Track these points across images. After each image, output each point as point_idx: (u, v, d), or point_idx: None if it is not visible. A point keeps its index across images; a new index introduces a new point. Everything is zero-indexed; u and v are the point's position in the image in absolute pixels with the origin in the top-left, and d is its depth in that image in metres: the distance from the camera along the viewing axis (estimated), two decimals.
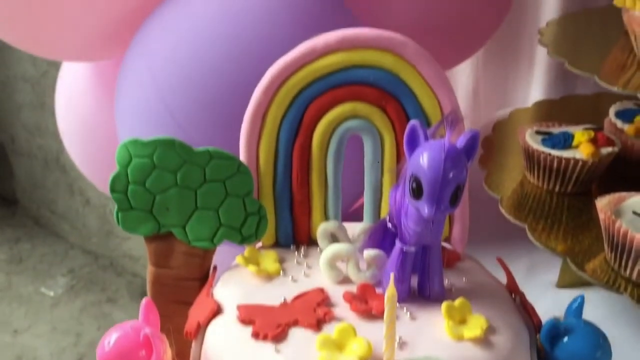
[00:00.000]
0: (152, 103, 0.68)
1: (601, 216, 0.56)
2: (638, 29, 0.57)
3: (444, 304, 0.40)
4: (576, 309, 0.43)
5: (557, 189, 0.67)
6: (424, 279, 0.42)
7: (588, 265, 0.57)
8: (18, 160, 1.90)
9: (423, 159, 0.38)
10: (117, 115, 0.74)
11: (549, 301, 0.66)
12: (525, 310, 0.45)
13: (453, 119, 0.39)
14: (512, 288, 0.46)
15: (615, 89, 0.53)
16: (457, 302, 0.40)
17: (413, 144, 0.39)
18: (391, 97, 0.46)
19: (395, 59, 0.45)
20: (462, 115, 0.42)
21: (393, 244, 0.42)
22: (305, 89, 0.46)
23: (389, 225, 0.43)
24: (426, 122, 0.46)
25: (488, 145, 0.77)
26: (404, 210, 0.40)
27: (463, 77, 1.22)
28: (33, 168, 1.85)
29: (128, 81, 0.71)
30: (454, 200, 0.38)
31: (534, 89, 1.09)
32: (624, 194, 0.58)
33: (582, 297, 0.43)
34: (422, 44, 0.85)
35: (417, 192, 0.38)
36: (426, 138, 0.39)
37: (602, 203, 0.56)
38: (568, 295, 0.60)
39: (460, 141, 0.39)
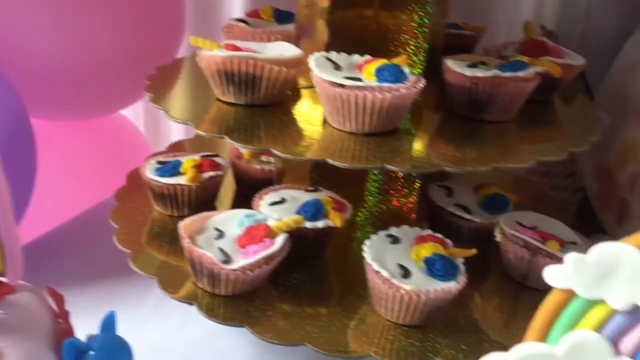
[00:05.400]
0: None
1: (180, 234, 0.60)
2: (203, 64, 0.62)
3: None
4: (105, 324, 0.46)
5: (176, 213, 0.71)
6: None
7: (187, 284, 0.61)
8: None
9: None
10: None
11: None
12: (66, 335, 0.47)
13: None
14: (61, 314, 0.48)
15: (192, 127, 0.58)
16: None
17: None
18: None
19: None
20: None
21: None
22: None
23: None
24: None
25: (133, 179, 0.78)
26: None
27: None
28: None
29: None
30: None
31: None
32: (212, 212, 0.63)
33: (112, 313, 0.47)
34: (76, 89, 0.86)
35: None
36: None
37: (185, 223, 0.61)
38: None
39: None
